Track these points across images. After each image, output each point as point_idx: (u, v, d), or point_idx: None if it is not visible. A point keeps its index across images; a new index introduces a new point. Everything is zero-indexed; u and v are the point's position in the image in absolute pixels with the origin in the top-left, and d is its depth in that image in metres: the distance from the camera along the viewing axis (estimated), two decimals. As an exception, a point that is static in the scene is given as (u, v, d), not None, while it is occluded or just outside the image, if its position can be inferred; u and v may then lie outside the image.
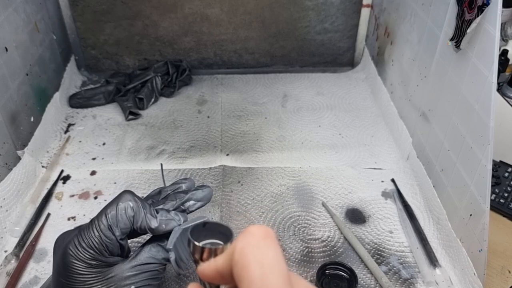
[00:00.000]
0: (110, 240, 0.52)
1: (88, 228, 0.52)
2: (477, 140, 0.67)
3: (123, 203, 0.53)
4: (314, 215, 0.85)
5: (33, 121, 0.98)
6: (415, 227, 0.81)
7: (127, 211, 0.53)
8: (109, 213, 0.52)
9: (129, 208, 0.53)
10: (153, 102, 1.18)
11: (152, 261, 0.53)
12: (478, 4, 0.64)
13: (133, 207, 0.53)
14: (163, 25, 1.23)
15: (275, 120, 1.12)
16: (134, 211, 0.53)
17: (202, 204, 0.62)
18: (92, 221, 0.53)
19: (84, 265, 0.51)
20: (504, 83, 1.07)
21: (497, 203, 0.84)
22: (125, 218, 0.53)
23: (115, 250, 0.53)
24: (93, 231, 0.51)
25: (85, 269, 0.50)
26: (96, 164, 0.98)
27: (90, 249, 0.51)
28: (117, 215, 0.52)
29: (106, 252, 0.52)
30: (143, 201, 0.56)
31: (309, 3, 1.22)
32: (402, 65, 1.01)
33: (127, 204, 0.53)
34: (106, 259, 0.52)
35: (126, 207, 0.53)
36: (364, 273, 0.74)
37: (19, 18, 0.95)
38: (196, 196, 0.61)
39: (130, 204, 0.53)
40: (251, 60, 1.32)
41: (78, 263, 0.50)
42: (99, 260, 0.51)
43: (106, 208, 0.53)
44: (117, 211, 0.53)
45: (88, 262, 0.51)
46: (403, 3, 1.00)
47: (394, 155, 1.00)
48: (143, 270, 0.53)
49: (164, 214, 0.55)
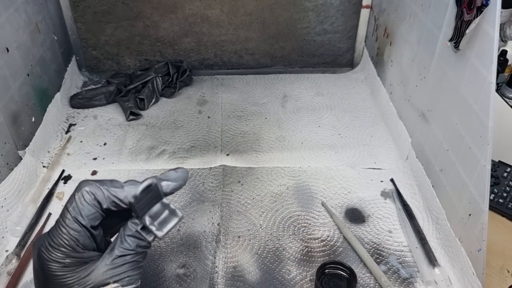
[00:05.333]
0: (78, 232, 0.50)
1: (55, 226, 0.50)
2: (476, 140, 0.68)
3: (79, 191, 0.51)
4: (314, 214, 0.86)
5: (34, 121, 0.98)
6: (414, 226, 0.81)
7: (85, 196, 0.51)
8: (70, 206, 0.50)
9: (86, 193, 0.51)
10: (153, 102, 1.18)
11: (128, 252, 0.51)
12: (477, 5, 0.65)
13: (89, 191, 0.51)
14: (163, 26, 1.24)
15: (275, 120, 1.12)
16: (93, 193, 0.51)
17: (177, 185, 0.56)
18: (58, 219, 0.51)
19: (58, 265, 0.49)
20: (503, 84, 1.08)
21: (496, 203, 0.84)
22: (86, 204, 0.50)
23: (88, 243, 0.51)
24: (60, 228, 0.49)
25: (60, 269, 0.49)
26: (97, 164, 0.98)
27: (61, 247, 0.49)
28: (77, 205, 0.50)
29: (79, 247, 0.50)
30: (102, 180, 0.53)
31: (308, 4, 1.22)
32: (401, 65, 1.01)
33: (83, 191, 0.51)
34: (81, 255, 0.50)
35: (82, 193, 0.51)
36: (363, 272, 0.75)
37: (20, 18, 0.95)
38: (169, 176, 0.56)
39: (86, 189, 0.51)
40: (251, 60, 1.32)
41: (52, 264, 0.49)
42: (73, 257, 0.49)
43: (66, 203, 0.51)
44: (76, 201, 0.50)
45: (61, 262, 0.49)
46: (402, 4, 1.00)
47: (393, 155, 1.00)
48: (120, 263, 0.50)
49: (131, 183, 0.53)
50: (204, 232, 0.82)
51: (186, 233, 0.82)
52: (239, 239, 0.81)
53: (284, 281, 0.73)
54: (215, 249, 0.79)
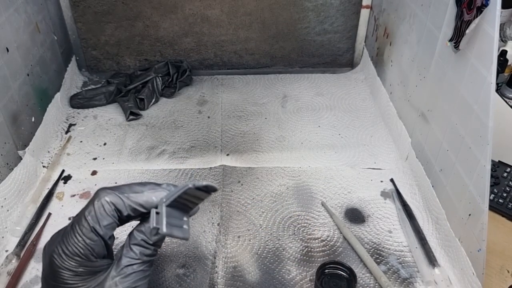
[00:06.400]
0: (94, 241, 0.50)
1: (70, 234, 0.50)
2: (476, 140, 0.68)
3: (99, 201, 0.50)
4: (314, 214, 0.86)
5: (34, 121, 0.98)
6: (414, 226, 0.81)
7: (105, 207, 0.50)
8: (88, 215, 0.50)
9: (106, 203, 0.50)
10: (153, 102, 1.18)
11: (134, 262, 0.51)
12: (477, 5, 0.65)
13: (109, 201, 0.50)
14: (163, 26, 1.24)
15: (275, 120, 1.12)
16: (114, 203, 0.50)
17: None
18: (73, 227, 0.50)
19: (70, 273, 0.49)
20: (503, 84, 1.08)
21: (496, 203, 0.84)
22: (105, 214, 0.50)
23: (101, 251, 0.51)
24: (75, 236, 0.49)
25: (71, 278, 0.49)
26: (97, 164, 0.98)
27: (75, 257, 0.49)
28: (96, 215, 0.50)
29: (92, 256, 0.50)
30: (120, 187, 0.52)
31: (308, 4, 1.22)
32: (401, 65, 1.01)
33: (102, 200, 0.50)
34: (93, 264, 0.50)
35: (102, 203, 0.50)
36: (363, 272, 0.75)
37: (20, 18, 0.95)
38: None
39: (106, 199, 0.50)
40: (251, 60, 1.32)
41: (64, 272, 0.49)
42: (85, 266, 0.50)
43: (84, 210, 0.51)
44: (95, 211, 0.50)
45: (74, 270, 0.49)
46: (402, 4, 1.00)
47: (393, 155, 1.00)
48: (128, 273, 0.50)
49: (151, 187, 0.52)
50: (204, 232, 0.82)
51: (186, 233, 0.82)
52: (239, 239, 0.81)
53: (284, 281, 0.73)
54: (215, 249, 0.79)
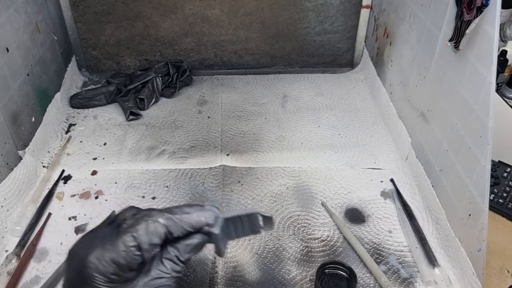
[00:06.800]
0: (136, 257, 0.51)
1: (114, 242, 0.51)
2: (476, 140, 0.68)
3: (154, 222, 0.52)
4: (314, 214, 0.86)
5: (34, 121, 0.98)
6: (414, 226, 0.81)
7: (158, 230, 0.52)
8: (136, 232, 0.52)
9: (159, 227, 0.52)
10: (153, 102, 1.18)
11: (163, 275, 0.52)
12: (477, 5, 0.65)
13: (164, 224, 0.53)
14: (163, 26, 1.24)
15: (275, 120, 1.12)
16: (167, 226, 0.53)
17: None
18: (119, 236, 0.52)
19: (104, 279, 0.50)
20: (503, 84, 1.08)
21: (496, 203, 0.84)
22: (156, 235, 0.52)
23: (136, 266, 0.53)
24: (119, 247, 0.51)
25: (104, 284, 0.50)
26: (97, 164, 0.98)
27: (113, 264, 0.50)
28: (147, 234, 0.52)
29: (127, 269, 0.51)
30: (170, 208, 0.55)
31: (308, 4, 1.22)
32: (401, 65, 1.01)
33: (157, 224, 0.52)
34: (126, 274, 0.52)
35: (156, 226, 0.52)
36: (363, 272, 0.75)
37: (20, 18, 0.95)
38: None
39: (160, 221, 0.53)
40: (251, 60, 1.32)
41: (99, 277, 0.50)
42: (119, 275, 0.51)
43: (135, 225, 0.52)
44: (148, 230, 0.52)
45: (108, 277, 0.50)
46: (402, 4, 1.00)
47: (393, 155, 1.00)
48: (156, 285, 0.52)
49: (198, 208, 0.55)
50: (204, 232, 0.82)
51: (186, 233, 0.82)
52: (239, 239, 0.81)
53: (284, 281, 0.73)
54: (215, 249, 0.79)
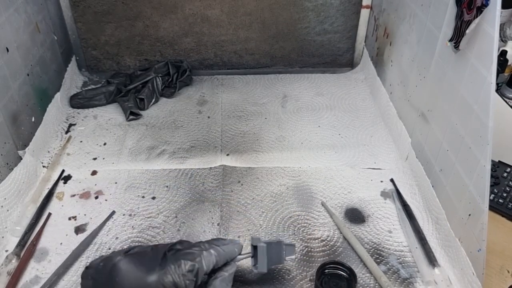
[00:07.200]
0: (190, 282, 0.61)
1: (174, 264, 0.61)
2: (476, 140, 0.68)
3: (210, 256, 0.62)
4: (314, 214, 0.86)
5: (34, 121, 0.98)
6: (414, 227, 0.81)
7: (211, 260, 0.62)
8: (197, 262, 0.61)
9: (213, 257, 0.63)
10: (153, 102, 1.18)
11: None
12: (477, 5, 0.65)
13: (214, 261, 0.62)
14: (163, 26, 1.24)
15: (275, 120, 1.12)
16: (215, 262, 0.63)
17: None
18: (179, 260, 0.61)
19: None
20: (503, 84, 1.08)
21: (496, 203, 0.84)
22: (205, 268, 0.62)
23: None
24: (180, 269, 0.60)
25: None
26: (97, 164, 0.98)
27: (173, 286, 0.60)
28: (205, 264, 0.62)
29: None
30: (211, 241, 0.65)
31: (308, 4, 1.22)
32: (401, 65, 1.01)
33: (212, 258, 0.63)
34: None
35: (211, 257, 0.62)
36: (363, 272, 0.75)
37: (20, 18, 0.95)
38: None
39: (212, 251, 0.63)
40: (251, 60, 1.32)
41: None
42: None
43: (193, 254, 0.62)
44: (204, 261, 0.62)
45: None
46: (402, 4, 1.00)
47: (393, 155, 1.00)
48: None
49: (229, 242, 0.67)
50: (204, 232, 0.82)
51: (186, 233, 0.82)
52: (239, 239, 0.81)
53: (284, 281, 0.73)
54: (215, 249, 0.79)
